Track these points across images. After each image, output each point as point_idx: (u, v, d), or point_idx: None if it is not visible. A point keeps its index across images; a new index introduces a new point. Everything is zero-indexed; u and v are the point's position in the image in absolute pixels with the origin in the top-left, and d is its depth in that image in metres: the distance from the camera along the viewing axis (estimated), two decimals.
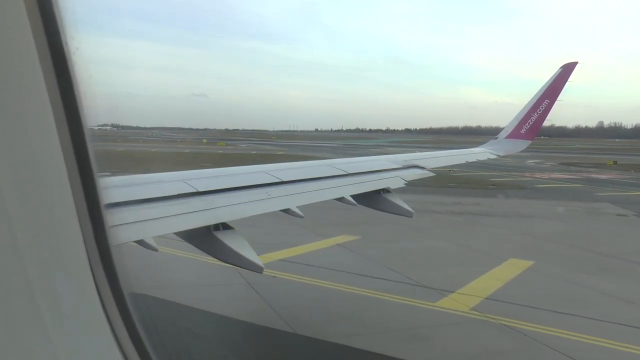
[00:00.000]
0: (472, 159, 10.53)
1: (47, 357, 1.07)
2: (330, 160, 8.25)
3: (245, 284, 10.20)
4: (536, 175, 36.74)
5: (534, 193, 26.89)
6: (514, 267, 12.25)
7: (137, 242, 4.08)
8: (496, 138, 11.73)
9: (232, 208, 5.02)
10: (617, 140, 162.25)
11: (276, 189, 5.77)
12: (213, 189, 5.16)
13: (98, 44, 1.24)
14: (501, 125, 12.13)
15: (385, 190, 7.12)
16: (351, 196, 6.48)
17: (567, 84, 11.00)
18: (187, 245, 4.88)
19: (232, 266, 10.80)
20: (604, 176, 38.04)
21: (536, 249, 14.35)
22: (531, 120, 11.28)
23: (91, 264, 1.22)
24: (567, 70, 11.06)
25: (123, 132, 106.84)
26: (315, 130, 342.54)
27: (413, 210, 7.28)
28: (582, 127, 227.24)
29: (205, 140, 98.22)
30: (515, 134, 11.35)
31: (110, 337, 1.25)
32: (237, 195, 5.29)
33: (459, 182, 29.20)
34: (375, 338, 8.18)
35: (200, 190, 4.95)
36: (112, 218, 1.39)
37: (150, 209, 4.36)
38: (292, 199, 5.72)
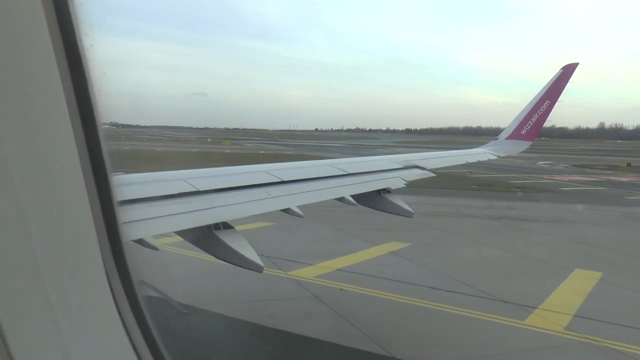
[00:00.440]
0: (473, 159, 10.53)
1: (61, 356, 1.07)
2: (331, 160, 8.24)
3: (313, 298, 9.71)
4: (555, 178, 36.14)
5: (562, 196, 26.37)
6: (584, 279, 11.73)
7: (137, 241, 4.07)
8: (497, 139, 11.74)
9: (233, 207, 5.01)
10: (619, 141, 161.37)
11: (276, 189, 5.77)
12: (213, 188, 5.16)
13: (97, 43, 1.23)
14: (502, 126, 12.14)
15: (386, 191, 7.12)
16: (351, 196, 6.48)
17: (568, 85, 11.01)
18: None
19: (291, 277, 10.46)
20: (624, 179, 37.54)
21: (596, 258, 13.82)
22: (532, 121, 11.27)
23: (105, 263, 1.22)
24: (568, 71, 11.06)
25: (123, 131, 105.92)
26: (316, 129, 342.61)
27: (413, 211, 7.28)
28: (583, 128, 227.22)
29: (210, 140, 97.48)
30: (515, 135, 11.35)
31: (123, 335, 1.25)
32: (238, 194, 5.29)
33: (480, 185, 28.85)
34: None
35: (200, 189, 4.94)
36: (125, 216, 1.39)
37: (150, 207, 4.35)
38: (293, 199, 5.72)
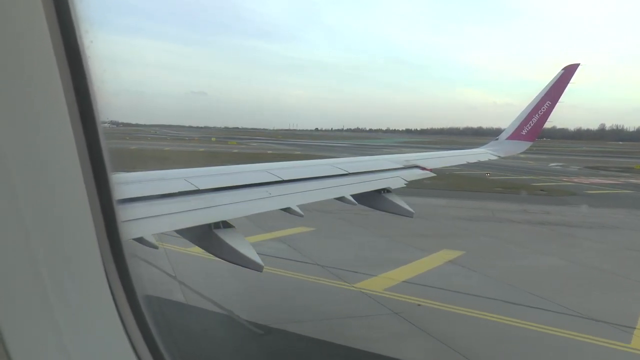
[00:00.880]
0: (473, 159, 10.54)
1: (60, 356, 1.06)
2: (331, 159, 8.24)
3: (393, 314, 9.11)
4: (574, 180, 35.41)
5: (592, 200, 25.58)
6: None
7: (137, 240, 4.07)
8: (497, 139, 11.74)
9: (233, 206, 5.01)
10: (621, 143, 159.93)
11: (277, 188, 5.77)
12: (214, 187, 5.16)
13: (97, 41, 1.23)
14: (502, 127, 12.14)
15: (386, 190, 7.12)
16: (352, 195, 6.49)
17: (569, 86, 11.01)
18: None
19: (358, 290, 10.28)
20: None
21: None
22: (532, 122, 11.28)
23: (104, 261, 1.21)
24: (569, 72, 11.06)
25: (124, 130, 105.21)
26: (316, 129, 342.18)
27: (413, 211, 7.27)
28: (584, 130, 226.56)
29: (214, 139, 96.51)
30: (516, 135, 11.35)
31: (122, 334, 1.25)
32: (238, 193, 5.29)
33: (504, 187, 28.28)
34: None
35: (201, 188, 4.94)
36: (125, 214, 1.39)
37: (150, 206, 4.35)
38: (293, 198, 5.72)
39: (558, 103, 11.16)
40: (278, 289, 10.30)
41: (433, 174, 8.63)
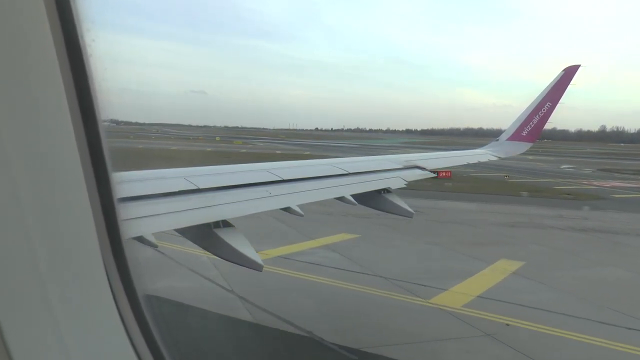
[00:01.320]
0: (473, 160, 10.56)
1: (60, 355, 1.06)
2: (331, 159, 8.24)
3: (487, 337, 8.51)
4: (595, 184, 34.67)
5: (623, 205, 24.99)
6: None
7: (136, 239, 4.07)
8: (497, 140, 11.75)
9: (233, 206, 5.01)
10: (622, 144, 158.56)
11: (277, 188, 5.77)
12: (214, 186, 5.16)
13: (97, 40, 1.23)
14: (503, 127, 12.14)
15: (386, 191, 7.13)
16: (352, 195, 6.49)
17: (569, 87, 11.01)
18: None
19: (435, 306, 9.83)
20: None
21: None
22: (532, 123, 11.28)
23: (104, 260, 1.21)
24: (570, 73, 11.06)
25: (126, 128, 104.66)
26: (316, 129, 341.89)
27: (413, 211, 7.27)
28: (584, 131, 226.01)
29: (218, 138, 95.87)
30: (516, 136, 11.35)
31: (122, 334, 1.25)
32: (238, 193, 5.29)
33: (529, 191, 27.59)
34: None
35: (201, 187, 4.94)
36: (125, 213, 1.39)
37: (150, 205, 4.35)
38: (293, 198, 5.72)
39: (558, 104, 11.17)
40: (352, 305, 9.77)
41: (433, 174, 8.63)
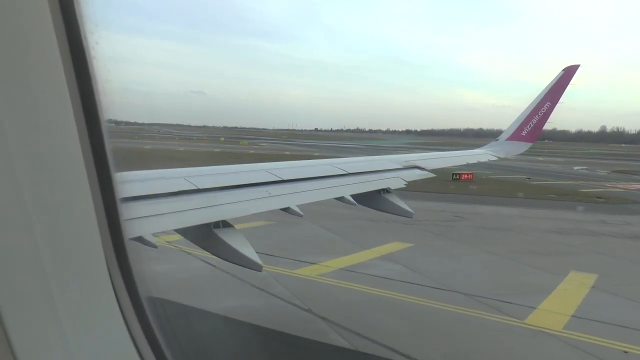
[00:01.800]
0: (473, 160, 10.56)
1: (63, 354, 1.07)
2: (331, 159, 8.24)
3: None
4: (619, 186, 34.00)
5: None
6: None
7: (136, 239, 4.07)
8: (497, 140, 11.75)
9: (233, 206, 5.01)
10: (623, 145, 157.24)
11: (276, 188, 5.77)
12: (213, 187, 5.16)
13: (100, 41, 1.23)
14: (503, 128, 12.14)
15: (386, 191, 7.12)
16: (351, 196, 6.49)
17: (569, 87, 11.01)
18: None
19: (536, 329, 9.11)
20: None
21: None
22: (532, 123, 11.28)
23: (107, 261, 1.22)
24: (569, 73, 11.06)
25: (127, 128, 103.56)
26: (315, 129, 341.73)
27: (413, 211, 7.26)
28: (585, 132, 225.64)
29: (222, 139, 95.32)
30: (516, 136, 11.35)
31: (125, 335, 1.25)
32: (238, 193, 5.29)
33: (557, 194, 27.08)
34: None
35: (200, 187, 4.94)
36: (127, 213, 1.39)
37: (150, 205, 4.35)
38: (292, 198, 5.72)
39: (558, 104, 11.17)
40: (447, 326, 9.08)
41: (433, 175, 8.63)
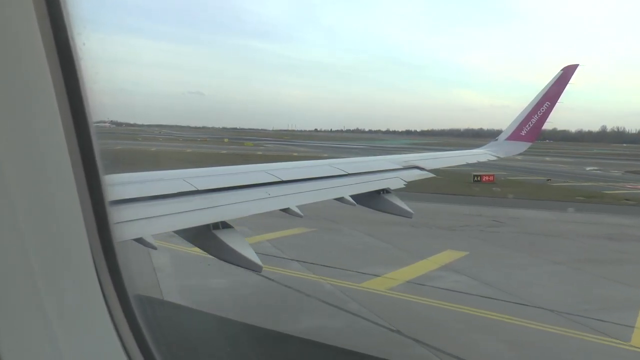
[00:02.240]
0: (473, 160, 10.56)
1: (52, 356, 1.07)
2: (330, 160, 8.25)
3: None
4: None
5: None
6: None
7: (136, 240, 4.08)
8: (496, 139, 11.76)
9: (232, 207, 5.02)
10: (625, 145, 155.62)
11: (276, 188, 5.78)
12: (213, 188, 5.16)
13: (92, 40, 1.23)
14: (503, 128, 12.14)
15: (385, 191, 7.13)
16: (351, 196, 6.49)
17: (568, 87, 11.01)
18: None
19: None
20: None
21: None
22: (531, 123, 11.28)
23: (95, 261, 1.22)
24: (568, 72, 11.07)
25: (128, 130, 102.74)
26: (315, 130, 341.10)
27: (412, 211, 7.26)
28: (585, 131, 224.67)
29: (226, 140, 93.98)
30: (515, 136, 11.36)
31: (113, 334, 1.25)
32: (237, 194, 5.29)
33: (584, 196, 26.51)
34: None
35: (200, 188, 4.95)
36: (125, 215, 1.39)
37: (150, 206, 4.36)
38: (292, 199, 5.73)
39: (557, 104, 11.18)
40: (553, 350, 8.32)
41: (432, 175, 8.64)
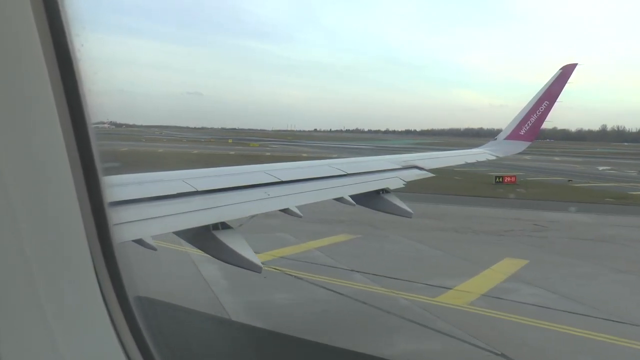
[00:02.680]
0: (472, 159, 10.55)
1: (51, 356, 1.07)
2: (329, 160, 8.25)
3: None
4: None
5: None
6: None
7: (136, 242, 4.07)
8: (495, 139, 11.76)
9: (232, 207, 5.02)
10: (626, 144, 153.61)
11: (275, 189, 5.78)
12: (212, 188, 5.16)
13: (90, 41, 1.23)
14: (502, 128, 12.14)
15: (385, 191, 7.13)
16: (350, 196, 6.50)
17: (567, 86, 11.02)
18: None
19: None
20: None
21: None
22: (530, 122, 11.28)
23: (94, 263, 1.22)
24: (567, 71, 11.07)
25: (127, 131, 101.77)
26: (315, 130, 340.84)
27: (412, 211, 7.26)
28: (585, 130, 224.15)
29: (230, 141, 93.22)
30: (514, 135, 11.36)
31: (113, 336, 1.25)
32: (237, 194, 5.29)
33: (612, 198, 25.97)
34: None
35: (199, 189, 4.95)
36: (115, 217, 1.39)
37: (149, 208, 4.36)
38: (291, 199, 5.73)
39: (556, 103, 11.18)
40: None
41: (431, 174, 8.64)
